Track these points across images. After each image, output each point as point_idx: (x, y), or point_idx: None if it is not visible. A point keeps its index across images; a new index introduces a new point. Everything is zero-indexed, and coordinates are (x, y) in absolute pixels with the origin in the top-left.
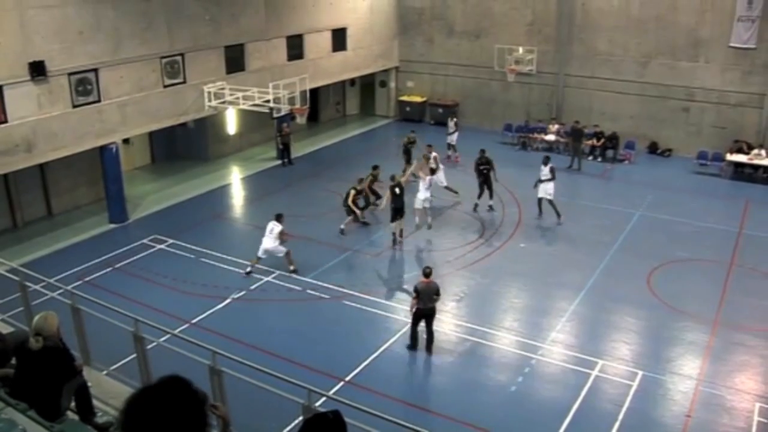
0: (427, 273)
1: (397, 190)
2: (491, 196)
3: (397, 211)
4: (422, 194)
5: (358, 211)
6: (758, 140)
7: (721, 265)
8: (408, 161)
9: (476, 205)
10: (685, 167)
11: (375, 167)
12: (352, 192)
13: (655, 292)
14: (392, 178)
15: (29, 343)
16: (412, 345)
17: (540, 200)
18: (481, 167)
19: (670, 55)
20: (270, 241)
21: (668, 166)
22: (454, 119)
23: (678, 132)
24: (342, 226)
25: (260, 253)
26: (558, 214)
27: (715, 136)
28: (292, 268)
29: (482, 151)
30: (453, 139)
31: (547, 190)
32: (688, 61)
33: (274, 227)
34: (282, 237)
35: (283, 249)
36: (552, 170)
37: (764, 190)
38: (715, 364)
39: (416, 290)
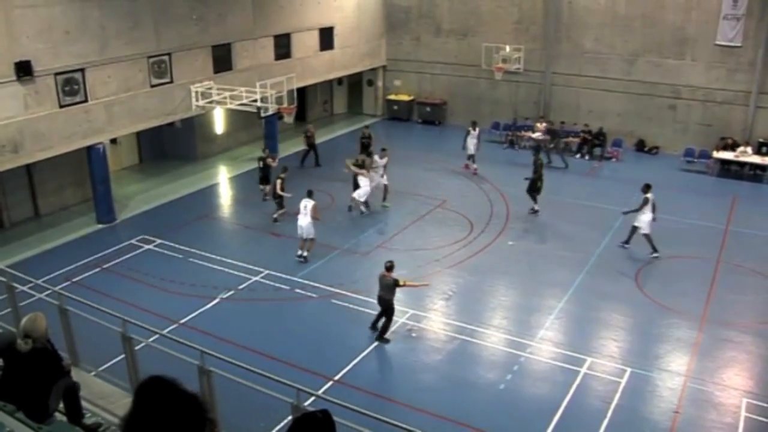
0: (387, 267)
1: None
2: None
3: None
4: (362, 189)
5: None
6: (744, 137)
7: (708, 262)
8: (368, 156)
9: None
10: (672, 164)
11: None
12: (279, 181)
13: (643, 289)
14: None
15: (17, 345)
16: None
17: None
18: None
19: (657, 53)
20: (305, 218)
21: (655, 164)
22: (476, 126)
23: (665, 129)
24: (275, 216)
25: (299, 232)
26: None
27: (701, 133)
28: (305, 254)
29: (538, 156)
30: (471, 147)
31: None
32: (674, 58)
33: (307, 203)
34: (314, 213)
35: (313, 231)
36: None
37: (751, 186)
38: (703, 361)
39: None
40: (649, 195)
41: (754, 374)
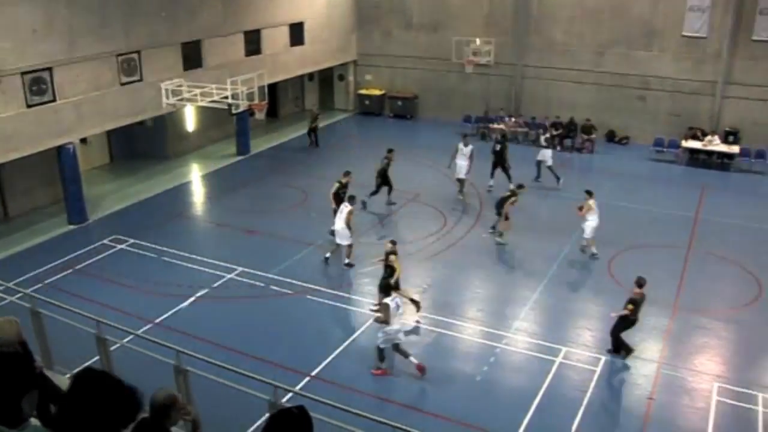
0: (641, 283)
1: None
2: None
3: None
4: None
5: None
6: (711, 127)
7: (679, 250)
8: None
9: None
10: (642, 154)
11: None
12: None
13: (616, 278)
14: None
15: None
16: None
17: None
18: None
19: (626, 45)
20: (339, 221)
21: (626, 154)
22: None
23: (635, 120)
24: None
25: (332, 236)
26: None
27: (670, 123)
28: (346, 261)
29: (503, 136)
30: (463, 171)
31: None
32: (642, 50)
33: (344, 208)
34: (349, 219)
35: (347, 235)
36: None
37: (719, 175)
38: (676, 347)
39: (634, 302)
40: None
41: (725, 359)
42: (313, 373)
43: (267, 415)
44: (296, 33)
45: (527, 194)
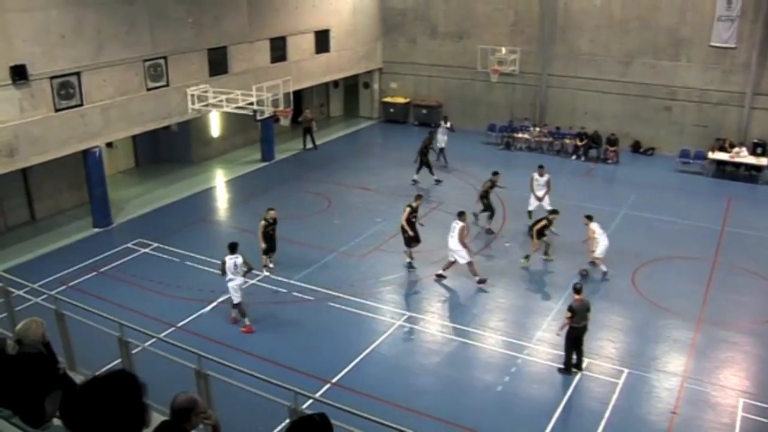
0: (578, 289)
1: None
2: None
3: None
4: None
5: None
6: (739, 138)
7: (704, 263)
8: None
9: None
10: (668, 166)
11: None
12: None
13: (640, 290)
14: None
15: (7, 349)
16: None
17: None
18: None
19: (652, 55)
20: (452, 241)
21: (651, 165)
22: (448, 120)
23: (660, 131)
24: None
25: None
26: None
27: (697, 134)
28: (476, 279)
29: (430, 134)
30: (442, 141)
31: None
32: (669, 60)
33: (454, 225)
34: (461, 237)
35: (464, 254)
36: (548, 182)
37: (746, 187)
38: (700, 361)
39: (571, 309)
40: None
41: (750, 374)
42: (334, 380)
43: (288, 421)
44: (322, 40)
45: (551, 205)
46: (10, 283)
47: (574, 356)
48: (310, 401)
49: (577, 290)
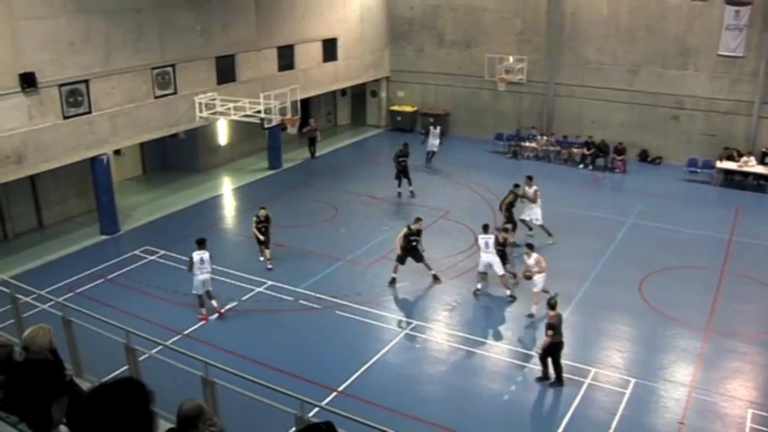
0: (552, 305)
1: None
2: (410, 183)
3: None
4: None
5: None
6: (748, 147)
7: (712, 273)
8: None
9: (399, 193)
10: (676, 175)
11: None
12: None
13: (647, 299)
14: None
15: (14, 356)
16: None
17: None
18: (400, 159)
19: (660, 64)
20: (489, 255)
21: (658, 174)
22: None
23: (668, 140)
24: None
25: (481, 268)
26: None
27: (704, 143)
28: (507, 293)
29: (405, 145)
30: (435, 144)
31: (532, 215)
32: (677, 69)
33: (488, 240)
34: (504, 237)
35: (499, 266)
36: (536, 192)
37: (754, 197)
38: (708, 371)
39: (552, 326)
40: (535, 187)
41: (759, 385)
42: (341, 389)
43: (293, 429)
44: (329, 49)
45: (557, 214)
46: (17, 289)
47: (552, 371)
48: (317, 409)
49: (552, 306)
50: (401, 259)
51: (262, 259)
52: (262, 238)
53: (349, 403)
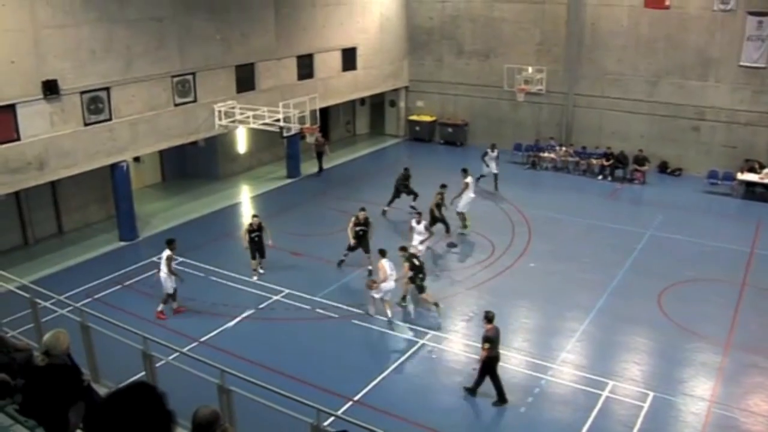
0: (490, 318)
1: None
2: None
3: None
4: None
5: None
6: None
7: (732, 286)
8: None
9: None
10: (696, 186)
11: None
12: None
13: (666, 312)
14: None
15: (34, 360)
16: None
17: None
18: (405, 182)
19: (680, 75)
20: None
21: (678, 186)
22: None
23: (688, 151)
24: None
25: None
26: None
27: (725, 155)
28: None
29: (405, 169)
30: (494, 166)
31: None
32: (698, 80)
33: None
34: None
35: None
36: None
37: None
38: (728, 386)
39: (489, 339)
40: (468, 179)
41: None
42: (357, 398)
43: None
44: (349, 58)
45: (576, 225)
46: (37, 294)
47: (494, 390)
48: (332, 418)
49: (489, 319)
50: (352, 248)
51: (261, 271)
52: (248, 247)
53: (364, 413)
